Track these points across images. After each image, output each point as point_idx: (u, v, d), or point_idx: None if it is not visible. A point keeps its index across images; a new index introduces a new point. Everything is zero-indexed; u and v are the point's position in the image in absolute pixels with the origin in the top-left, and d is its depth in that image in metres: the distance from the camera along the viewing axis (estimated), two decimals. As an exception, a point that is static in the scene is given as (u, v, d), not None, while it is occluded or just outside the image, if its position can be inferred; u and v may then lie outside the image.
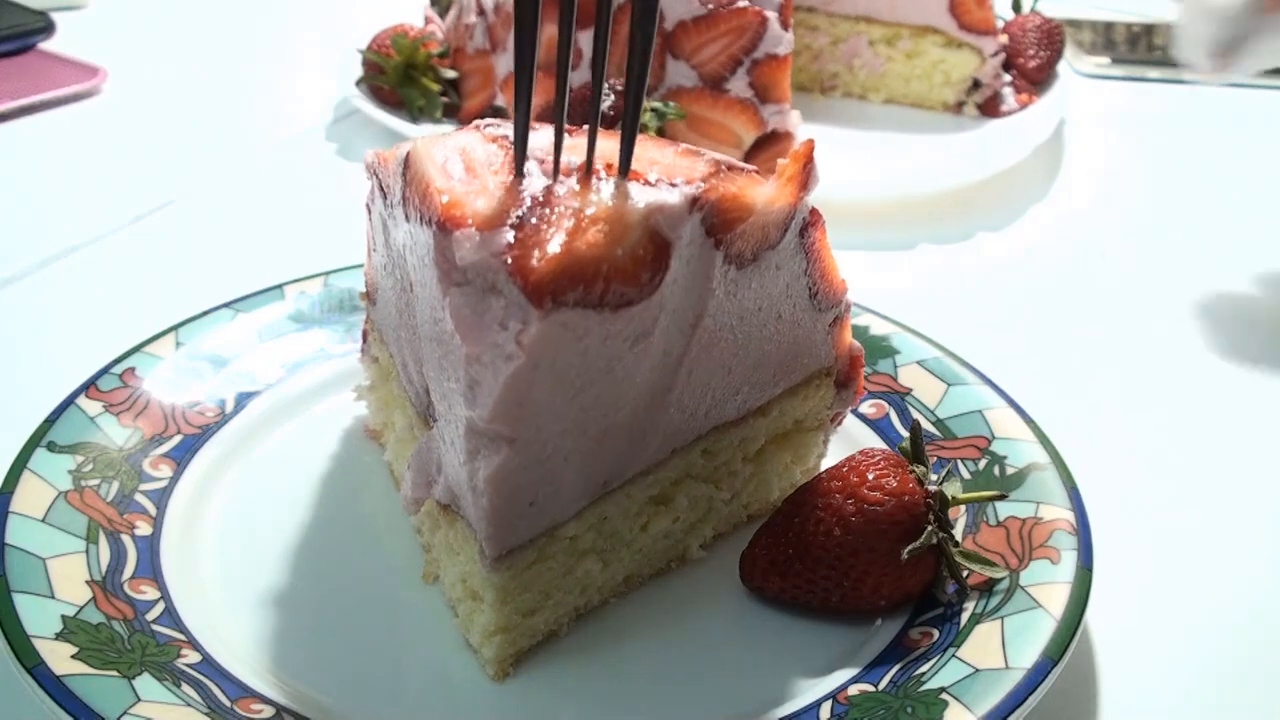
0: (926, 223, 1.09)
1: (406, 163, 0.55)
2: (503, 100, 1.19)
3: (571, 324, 0.49)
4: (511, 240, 0.48)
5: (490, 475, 0.51)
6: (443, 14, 1.35)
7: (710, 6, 1.09)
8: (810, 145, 0.56)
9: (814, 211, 0.59)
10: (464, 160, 0.53)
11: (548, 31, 1.13)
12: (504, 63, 1.17)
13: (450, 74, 1.22)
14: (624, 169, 0.51)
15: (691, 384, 0.57)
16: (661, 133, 1.04)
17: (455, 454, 0.53)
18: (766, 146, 1.12)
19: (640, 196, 0.50)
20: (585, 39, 1.12)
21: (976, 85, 1.34)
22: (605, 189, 0.50)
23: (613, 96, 1.03)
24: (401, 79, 1.20)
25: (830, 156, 1.16)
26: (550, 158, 0.52)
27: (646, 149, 0.55)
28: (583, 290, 0.48)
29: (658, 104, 1.06)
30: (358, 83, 1.23)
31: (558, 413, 0.51)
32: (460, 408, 0.51)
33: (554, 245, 0.47)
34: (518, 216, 0.49)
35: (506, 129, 0.57)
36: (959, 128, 1.32)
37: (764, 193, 0.55)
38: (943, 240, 1.06)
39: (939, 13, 1.32)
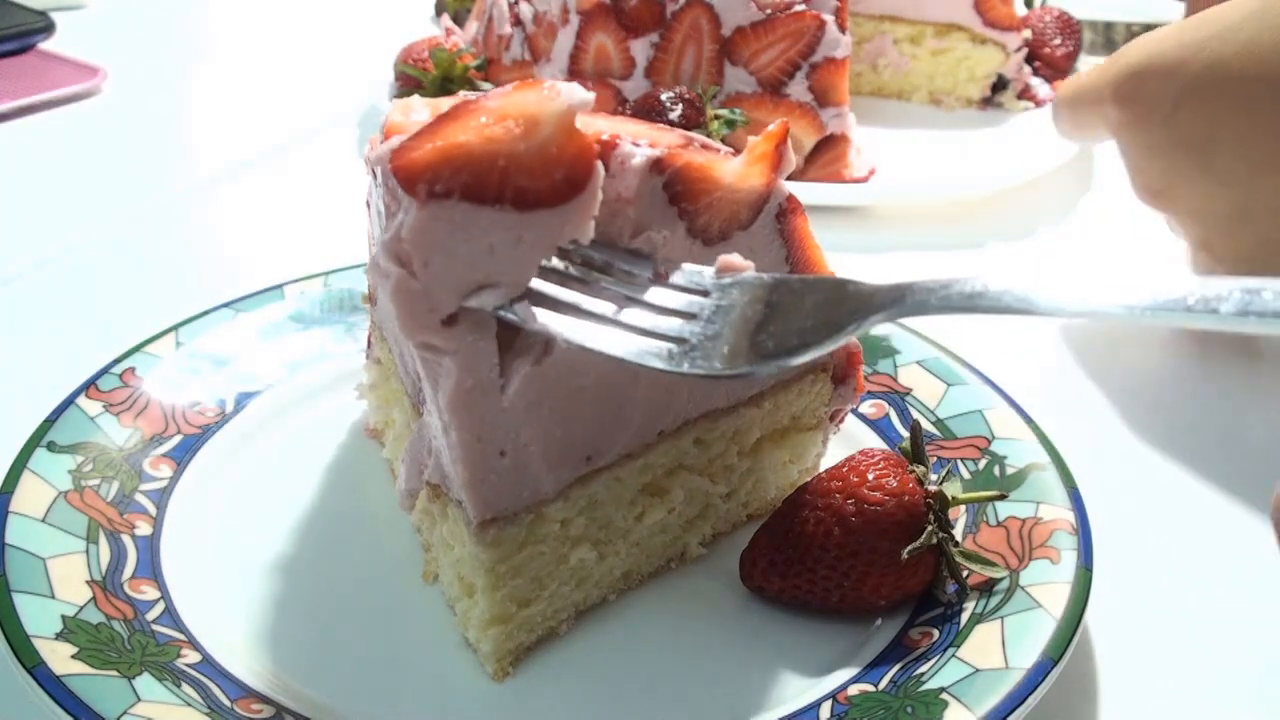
0: (929, 225, 1.09)
1: (384, 127, 0.55)
2: None
3: (462, 219, 0.47)
4: (409, 140, 0.47)
5: (448, 401, 0.51)
6: (455, 21, 1.34)
7: (768, 11, 1.08)
8: (784, 127, 0.56)
9: (791, 198, 0.58)
10: (433, 111, 0.53)
11: (598, 40, 1.13)
12: (549, 73, 1.17)
13: (487, 86, 1.21)
14: None
15: None
16: (726, 141, 1.04)
17: (432, 404, 0.53)
18: (825, 150, 1.12)
19: (565, 97, 0.47)
20: (637, 46, 1.12)
21: (1001, 81, 1.34)
22: (534, 92, 0.48)
23: (682, 105, 1.03)
24: (439, 93, 1.19)
25: (883, 157, 1.16)
26: None
27: (623, 123, 0.55)
28: (470, 180, 0.46)
29: (724, 111, 1.06)
30: (394, 99, 1.20)
31: (481, 320, 0.50)
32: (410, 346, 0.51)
33: (442, 139, 0.46)
34: (433, 123, 0.48)
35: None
36: (993, 122, 1.33)
37: (732, 168, 0.54)
38: (946, 246, 1.06)
39: (963, 10, 1.33)
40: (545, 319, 0.49)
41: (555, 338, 0.49)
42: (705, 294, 0.50)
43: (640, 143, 0.52)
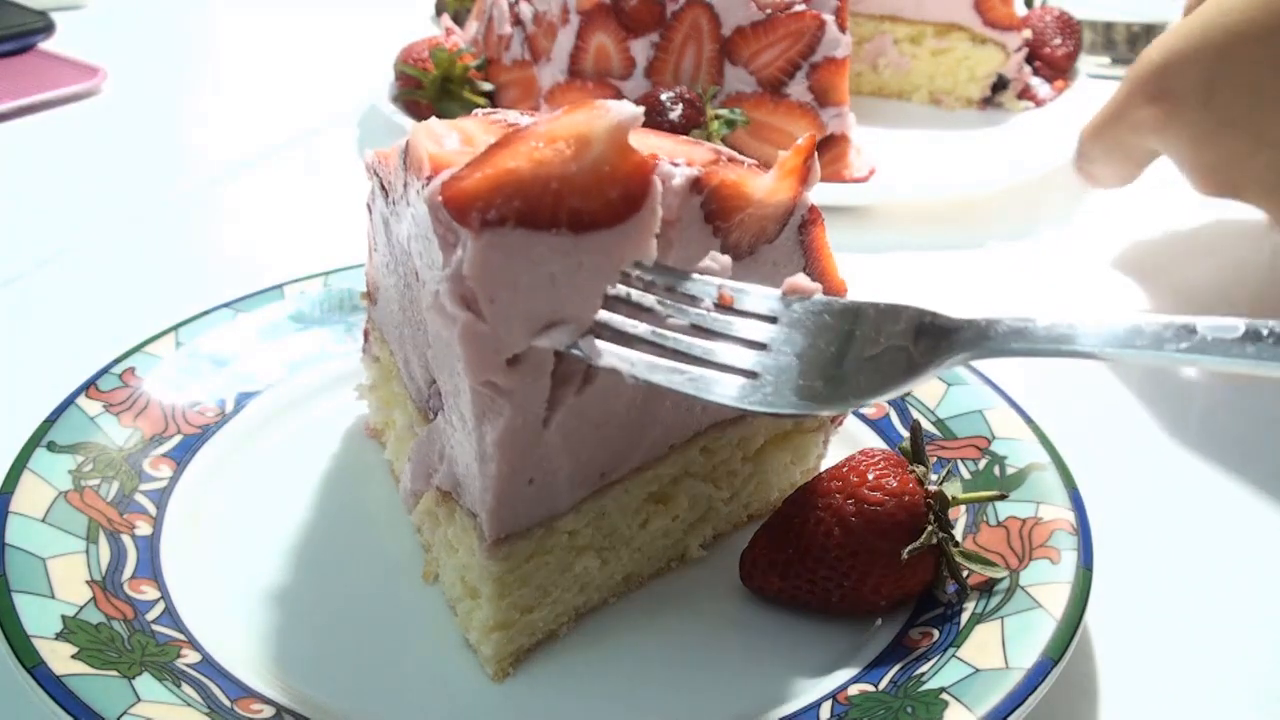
0: (929, 225, 1.09)
1: (406, 150, 0.55)
2: (547, 110, 1.17)
3: (519, 247, 0.45)
4: (459, 171, 0.46)
5: (498, 438, 0.50)
6: (455, 20, 1.34)
7: (768, 11, 1.08)
8: (812, 140, 0.56)
9: (813, 209, 0.58)
10: (460, 135, 0.53)
11: (598, 40, 1.13)
12: (548, 73, 1.17)
13: (487, 86, 1.21)
14: None
15: None
16: (726, 141, 1.04)
17: (464, 429, 0.53)
18: (825, 150, 1.12)
19: (614, 113, 0.46)
20: (637, 46, 1.12)
21: (1001, 81, 1.35)
22: (583, 112, 0.46)
23: (682, 105, 1.03)
24: (439, 93, 1.19)
25: (883, 157, 1.16)
26: None
27: (649, 138, 0.55)
28: (523, 205, 0.45)
29: (724, 111, 1.06)
30: (394, 99, 1.20)
31: (542, 358, 0.49)
32: (462, 378, 0.49)
33: (491, 166, 0.45)
34: (483, 152, 0.46)
35: (505, 114, 0.57)
36: (993, 121, 1.34)
37: (764, 184, 0.54)
38: (946, 246, 1.06)
39: (963, 10, 1.33)
40: (612, 355, 0.47)
41: (625, 375, 0.47)
42: (773, 320, 0.49)
43: (678, 161, 0.51)
